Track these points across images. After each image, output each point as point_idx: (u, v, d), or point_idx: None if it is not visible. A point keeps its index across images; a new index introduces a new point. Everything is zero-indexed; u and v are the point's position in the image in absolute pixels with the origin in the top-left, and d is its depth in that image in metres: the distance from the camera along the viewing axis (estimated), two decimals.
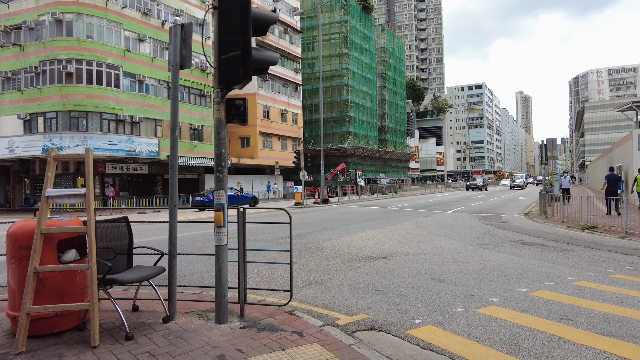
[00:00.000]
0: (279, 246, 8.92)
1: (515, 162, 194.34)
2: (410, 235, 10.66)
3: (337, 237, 10.32)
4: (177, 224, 4.16)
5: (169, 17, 29.96)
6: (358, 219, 15.55)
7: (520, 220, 15.95)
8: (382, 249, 8.44)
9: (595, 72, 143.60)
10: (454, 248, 8.68)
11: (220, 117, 3.86)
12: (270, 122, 39.34)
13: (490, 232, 11.74)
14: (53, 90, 25.02)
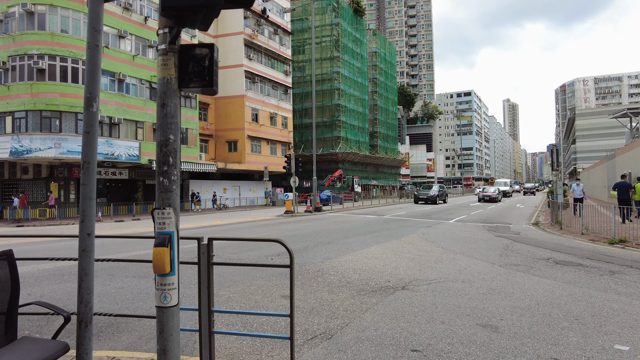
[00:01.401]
0: (265, 270, 7.29)
1: (503, 169, 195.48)
2: (424, 253, 9.15)
3: (338, 255, 8.74)
4: (95, 257, 2.53)
5: (152, 13, 28.24)
6: (357, 230, 14.01)
7: (532, 231, 14.61)
8: (397, 274, 6.90)
9: (582, 81, 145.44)
10: (482, 270, 7.19)
11: (168, 78, 2.32)
12: (259, 125, 37.71)
13: (510, 247, 10.32)
14: (23, 87, 23.06)
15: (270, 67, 39.87)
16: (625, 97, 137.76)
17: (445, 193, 37.28)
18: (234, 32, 36.36)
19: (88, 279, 2.39)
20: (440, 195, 34.85)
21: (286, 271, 6.88)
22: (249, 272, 6.86)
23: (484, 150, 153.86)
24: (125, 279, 6.52)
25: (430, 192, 34.27)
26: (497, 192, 37.89)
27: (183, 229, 15.42)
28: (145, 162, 27.08)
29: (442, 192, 36.22)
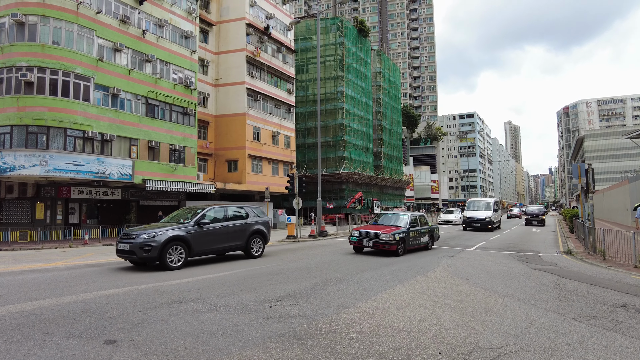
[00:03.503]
0: (262, 329, 5.44)
1: (506, 191, 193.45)
2: (464, 297, 7.27)
3: (357, 300, 6.88)
4: None
5: (150, 26, 27.10)
6: (371, 261, 12.13)
7: (570, 262, 12.72)
8: (444, 336, 5.04)
9: (585, 103, 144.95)
10: (555, 328, 5.34)
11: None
12: (261, 144, 36.19)
13: (563, 287, 8.45)
14: (9, 101, 21.60)
15: (273, 85, 38.67)
16: (630, 119, 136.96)
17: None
18: (236, 49, 35.30)
19: None
20: None
21: (292, 332, 5.03)
22: (238, 333, 5.00)
23: (488, 172, 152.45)
24: (69, 341, 4.68)
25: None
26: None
27: None
28: (139, 181, 25.40)
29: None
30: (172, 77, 28.40)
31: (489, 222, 26.56)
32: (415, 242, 14.59)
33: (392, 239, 13.15)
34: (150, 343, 4.63)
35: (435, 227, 16.66)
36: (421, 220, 15.54)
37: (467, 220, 27.44)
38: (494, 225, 27.62)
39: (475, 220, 26.90)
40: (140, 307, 6.37)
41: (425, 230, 15.33)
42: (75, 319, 5.65)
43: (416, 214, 15.68)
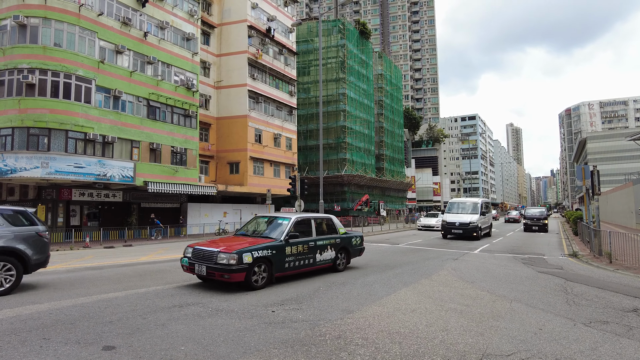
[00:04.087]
0: (264, 334, 5.30)
1: (508, 193, 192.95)
2: (470, 301, 7.12)
3: (361, 305, 6.74)
4: None
5: (152, 28, 27.07)
6: (374, 264, 11.99)
7: (576, 265, 12.56)
8: (451, 341, 4.90)
9: (587, 105, 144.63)
10: (565, 334, 5.19)
11: None
12: (262, 146, 36.09)
13: (570, 290, 8.30)
14: (10, 103, 21.56)
15: (274, 87, 38.60)
16: (632, 120, 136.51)
17: None
18: (238, 51, 35.26)
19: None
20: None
21: (295, 338, 4.90)
22: (239, 339, 4.87)
23: (490, 175, 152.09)
24: (66, 347, 4.56)
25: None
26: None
27: (173, 260, 13.44)
28: (141, 183, 25.31)
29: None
30: (174, 79, 28.35)
31: (474, 228, 21.41)
32: (302, 262, 9.12)
33: (235, 263, 7.61)
34: (150, 349, 4.50)
35: (354, 236, 11.23)
36: (321, 226, 10.23)
37: (447, 225, 22.24)
38: (482, 232, 22.66)
39: (456, 226, 21.77)
40: (140, 311, 6.24)
41: (327, 243, 9.97)
42: (74, 324, 5.53)
43: (311, 215, 10.08)
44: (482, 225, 22.91)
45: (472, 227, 21.54)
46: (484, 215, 23.50)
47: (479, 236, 22.07)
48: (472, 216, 22.16)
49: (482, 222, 22.91)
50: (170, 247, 20.31)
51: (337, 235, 10.51)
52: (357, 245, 11.24)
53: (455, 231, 21.90)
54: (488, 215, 25.21)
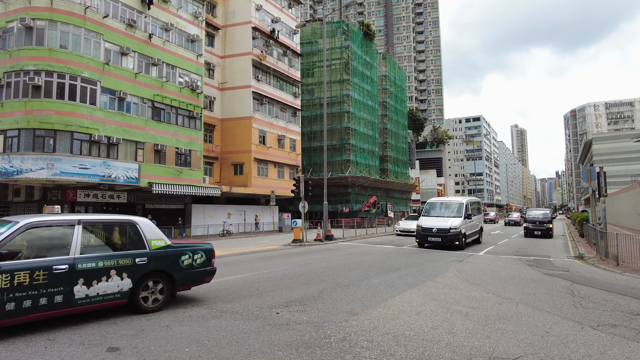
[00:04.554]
0: (268, 337, 5.28)
1: (513, 194, 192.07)
2: (475, 303, 7.07)
3: (366, 307, 6.71)
4: None
5: (156, 30, 27.19)
6: (378, 266, 11.94)
7: (582, 267, 12.46)
8: (457, 344, 4.85)
9: (593, 106, 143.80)
10: (573, 337, 5.13)
11: None
12: (266, 148, 36.14)
13: (577, 293, 8.22)
14: (17, 105, 21.71)
15: (278, 88, 38.67)
16: (638, 121, 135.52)
17: None
18: (242, 53, 35.36)
19: None
20: None
21: (300, 340, 4.87)
22: (244, 341, 4.85)
23: (494, 176, 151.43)
24: (70, 348, 4.55)
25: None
26: None
27: None
28: (145, 184, 25.40)
29: None
30: (178, 80, 28.45)
31: (456, 235, 16.90)
32: (30, 302, 5.11)
33: None
34: (154, 351, 4.49)
35: (188, 251, 6.90)
36: (106, 236, 6.30)
37: (422, 232, 17.68)
38: (467, 239, 18.16)
39: (434, 233, 17.24)
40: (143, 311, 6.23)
41: (109, 265, 5.86)
42: (78, 325, 5.52)
43: (69, 218, 5.99)
44: (468, 231, 18.28)
45: (454, 234, 16.87)
46: (470, 218, 18.48)
47: (462, 245, 17.31)
48: (454, 220, 17.48)
49: (468, 227, 18.31)
50: None
51: (139, 251, 6.32)
52: (193, 266, 6.92)
53: (432, 239, 17.26)
54: (476, 219, 20.19)
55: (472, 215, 19.00)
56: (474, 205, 20.52)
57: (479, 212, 21.83)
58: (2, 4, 22.76)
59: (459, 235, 17.09)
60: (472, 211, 19.28)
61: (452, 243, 17.03)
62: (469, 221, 18.39)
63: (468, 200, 19.31)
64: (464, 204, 18.47)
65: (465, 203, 18.51)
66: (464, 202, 18.56)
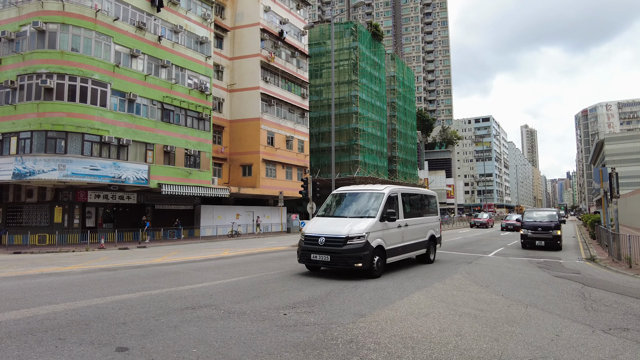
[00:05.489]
0: (275, 337, 5.30)
1: (523, 195, 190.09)
2: (484, 305, 7.01)
3: (373, 308, 6.69)
4: None
5: (166, 32, 27.44)
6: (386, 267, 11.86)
7: (594, 270, 12.28)
8: (465, 347, 4.82)
9: (605, 106, 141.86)
10: (584, 341, 5.06)
11: None
12: (275, 149, 36.25)
13: (588, 296, 8.10)
14: (29, 107, 22.07)
15: (287, 90, 38.77)
16: None
17: None
18: (250, 54, 35.53)
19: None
20: None
21: (307, 341, 4.87)
22: (251, 342, 4.87)
23: (504, 177, 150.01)
24: (80, 348, 4.61)
25: None
26: None
27: (186, 262, 13.57)
28: (155, 185, 25.64)
29: None
30: (188, 82, 28.68)
31: (358, 249, 9.59)
32: None
33: None
34: (162, 351, 4.53)
35: None
36: None
37: (305, 244, 10.37)
38: (386, 256, 10.55)
39: (320, 246, 9.96)
40: (153, 313, 6.30)
41: None
42: (88, 325, 5.59)
43: None
44: (392, 243, 10.79)
45: (353, 247, 9.54)
46: (391, 220, 10.70)
47: (374, 268, 9.81)
48: (359, 223, 10.08)
49: (391, 235, 10.80)
50: (184, 249, 20.50)
51: None
52: None
53: (317, 257, 9.91)
54: (417, 222, 12.47)
55: (393, 216, 10.73)
56: (412, 200, 12.84)
57: (429, 211, 13.85)
58: (15, 9, 23.16)
59: (363, 249, 9.52)
60: (406, 209, 12.00)
61: (348, 263, 9.47)
62: (392, 226, 10.84)
63: (392, 190, 11.39)
64: (384, 194, 10.94)
65: (385, 194, 10.95)
66: (383, 193, 11.02)
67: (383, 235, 10.34)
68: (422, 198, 13.64)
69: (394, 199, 11.27)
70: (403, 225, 11.39)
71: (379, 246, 10.05)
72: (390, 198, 11.04)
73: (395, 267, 11.89)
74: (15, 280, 9.99)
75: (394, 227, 10.92)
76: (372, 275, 9.77)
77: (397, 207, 11.27)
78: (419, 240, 12.31)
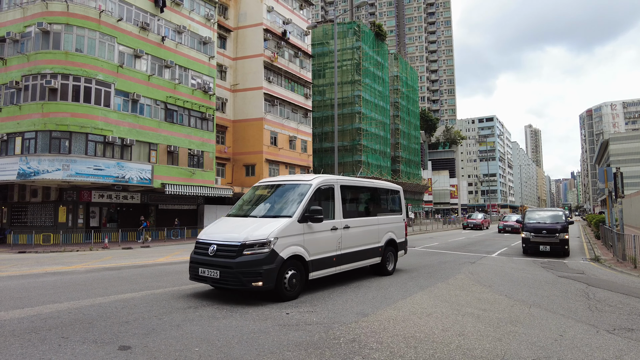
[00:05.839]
0: (278, 337, 5.29)
1: (527, 195, 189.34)
2: (487, 305, 6.98)
3: (376, 308, 6.68)
4: None
5: (169, 33, 27.52)
6: None
7: (598, 270, 12.21)
8: (468, 347, 4.80)
9: (610, 105, 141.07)
10: (588, 341, 5.03)
11: None
12: (278, 149, 36.28)
13: (592, 296, 8.06)
14: (34, 107, 22.19)
15: (290, 90, 38.79)
16: None
17: None
18: (253, 54, 35.57)
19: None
20: None
21: (309, 341, 4.87)
22: (253, 341, 4.87)
23: (508, 177, 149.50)
24: (83, 346, 4.63)
25: None
26: None
27: (180, 262, 13.59)
28: (158, 185, 25.71)
29: None
30: (191, 82, 28.75)
31: (256, 261, 6.77)
32: None
33: None
34: (165, 350, 4.54)
35: None
36: None
37: (195, 254, 7.60)
38: (308, 270, 7.68)
39: (209, 257, 7.16)
40: (156, 312, 6.31)
41: None
42: (91, 324, 5.61)
43: None
44: (315, 250, 7.88)
45: (251, 259, 6.83)
46: (315, 220, 7.81)
47: (286, 291, 7.23)
48: (266, 225, 7.34)
49: (319, 242, 8.03)
50: (187, 249, 20.54)
51: None
52: None
53: (206, 272, 7.20)
54: (363, 223, 9.53)
55: (354, 213, 9.35)
56: (359, 195, 10.14)
57: (387, 209, 11.04)
58: (20, 9, 23.30)
59: (265, 262, 6.89)
60: (349, 206, 9.22)
61: (242, 282, 6.80)
62: (321, 228, 8.07)
63: (325, 182, 8.54)
64: (310, 186, 8.17)
65: (313, 186, 8.18)
66: (310, 184, 8.24)
67: (304, 241, 7.52)
68: (376, 193, 10.70)
69: (327, 193, 8.47)
70: (341, 228, 8.51)
71: (295, 256, 7.29)
72: (319, 192, 8.22)
73: (397, 267, 11.86)
74: (20, 279, 10.05)
75: (325, 230, 8.06)
76: (282, 298, 7.10)
77: (333, 203, 8.52)
78: (368, 247, 9.42)
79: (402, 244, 11.24)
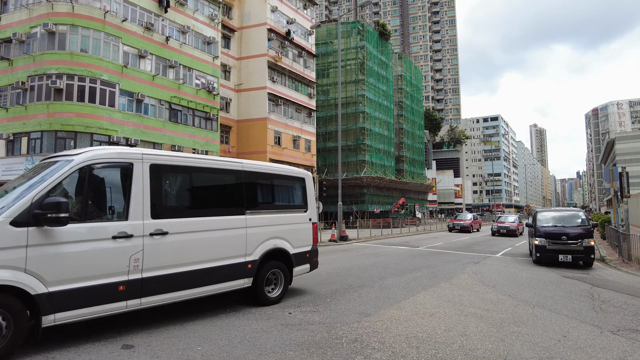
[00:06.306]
0: (280, 336, 5.30)
1: (532, 195, 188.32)
2: (490, 305, 6.96)
3: (378, 308, 6.68)
4: None
5: (173, 33, 27.62)
6: (392, 267, 11.86)
7: (604, 270, 12.13)
8: (471, 347, 4.79)
9: (616, 104, 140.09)
10: (592, 342, 5.00)
11: None
12: (282, 148, 36.32)
13: (597, 296, 8.01)
14: (40, 107, 22.35)
15: (294, 89, 38.81)
16: None
17: None
18: (257, 54, 35.61)
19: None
20: None
21: (311, 340, 4.88)
22: (255, 341, 4.88)
23: (513, 177, 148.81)
24: (86, 345, 4.66)
25: None
26: None
27: None
28: None
29: None
30: (195, 82, 28.84)
31: None
32: None
33: None
34: (167, 349, 4.56)
35: None
36: None
37: None
38: None
39: None
40: (159, 310, 6.34)
41: None
42: (95, 322, 5.65)
43: None
44: (67, 274, 4.50)
45: None
46: (57, 223, 4.32)
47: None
48: None
49: (66, 258, 4.48)
50: None
51: None
52: None
53: None
54: (210, 225, 6.02)
55: (187, 210, 6.02)
56: (203, 181, 6.36)
57: (275, 206, 7.41)
58: (26, 10, 23.47)
59: None
60: (174, 199, 5.97)
61: None
62: (84, 237, 4.69)
63: (105, 156, 5.02)
64: (68, 163, 4.79)
65: (72, 163, 4.77)
66: (70, 160, 4.85)
67: (32, 259, 4.29)
68: (242, 179, 6.66)
69: (114, 177, 5.21)
70: (142, 234, 5.19)
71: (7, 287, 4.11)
72: (92, 176, 4.93)
73: (398, 268, 11.85)
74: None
75: (92, 239, 4.76)
76: None
77: (129, 194, 5.14)
78: (218, 263, 6.09)
79: (302, 256, 7.54)
